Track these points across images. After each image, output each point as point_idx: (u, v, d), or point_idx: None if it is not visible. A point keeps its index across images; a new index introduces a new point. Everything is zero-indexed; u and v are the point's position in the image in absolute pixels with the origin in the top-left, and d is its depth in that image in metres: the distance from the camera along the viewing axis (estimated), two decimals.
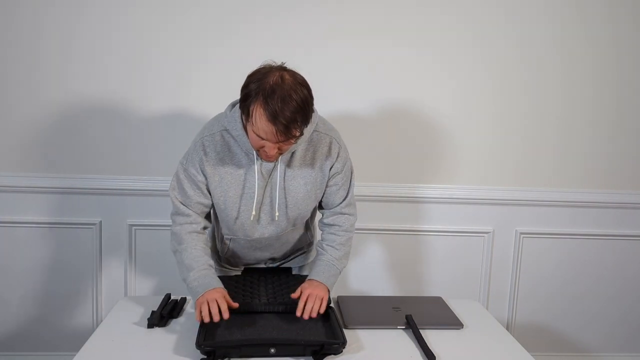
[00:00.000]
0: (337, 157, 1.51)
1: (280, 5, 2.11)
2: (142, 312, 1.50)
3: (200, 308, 1.34)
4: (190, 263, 1.46)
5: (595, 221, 2.37)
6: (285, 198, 1.50)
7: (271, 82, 1.26)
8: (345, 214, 1.60)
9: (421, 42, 2.18)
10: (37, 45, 2.08)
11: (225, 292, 1.41)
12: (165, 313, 1.46)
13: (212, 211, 1.62)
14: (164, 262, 2.26)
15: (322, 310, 1.42)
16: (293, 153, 1.47)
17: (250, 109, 1.28)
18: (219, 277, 1.62)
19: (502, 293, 2.41)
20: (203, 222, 1.55)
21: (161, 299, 1.57)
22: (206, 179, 1.48)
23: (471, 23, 2.18)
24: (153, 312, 1.45)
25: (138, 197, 2.20)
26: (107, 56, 2.10)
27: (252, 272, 1.70)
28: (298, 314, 1.40)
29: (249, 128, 1.33)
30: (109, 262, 2.26)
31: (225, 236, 1.63)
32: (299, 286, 1.51)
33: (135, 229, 2.23)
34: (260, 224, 1.54)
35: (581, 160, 2.33)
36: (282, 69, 1.32)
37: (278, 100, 1.24)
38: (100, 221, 2.22)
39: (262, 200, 1.50)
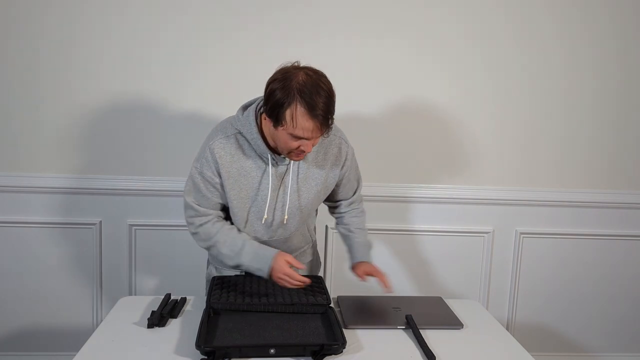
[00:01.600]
0: (347, 157, 1.58)
1: (287, 3, 2.11)
2: (142, 312, 1.50)
3: (284, 282, 1.46)
4: (232, 248, 1.51)
5: (595, 221, 2.37)
6: (298, 200, 1.53)
7: (300, 81, 1.30)
8: (358, 200, 1.74)
9: (422, 42, 2.18)
10: (37, 46, 2.08)
11: (281, 254, 1.48)
12: (165, 313, 1.46)
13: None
14: (164, 262, 2.26)
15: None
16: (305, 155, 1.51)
17: (287, 113, 1.31)
18: (220, 277, 1.63)
19: (502, 293, 2.41)
20: (223, 215, 1.58)
21: (161, 299, 1.57)
22: (221, 180, 1.49)
23: (473, 23, 2.18)
24: (153, 312, 1.45)
25: (138, 197, 2.20)
26: (107, 57, 2.10)
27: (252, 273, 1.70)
28: (390, 289, 1.56)
29: (282, 133, 1.35)
30: (109, 262, 2.26)
31: None
32: (300, 287, 1.53)
33: (135, 229, 2.23)
34: (270, 227, 1.55)
35: (581, 160, 2.33)
36: (299, 67, 1.36)
37: (314, 94, 1.30)
38: (100, 221, 2.22)
39: (274, 205, 1.51)
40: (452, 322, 1.50)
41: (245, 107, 1.50)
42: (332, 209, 1.76)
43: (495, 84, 2.24)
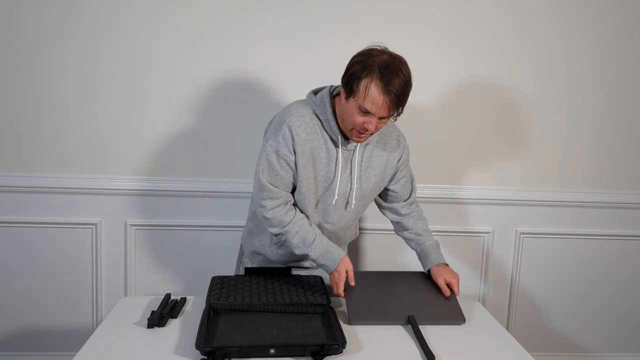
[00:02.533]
0: (404, 149, 1.66)
1: (287, 3, 2.11)
2: (142, 312, 1.50)
3: (339, 284, 1.52)
4: (304, 241, 1.55)
5: (595, 221, 2.37)
6: (361, 187, 1.58)
7: (384, 59, 1.37)
8: (416, 203, 1.78)
9: (423, 41, 2.18)
10: (38, 46, 2.08)
11: (348, 259, 1.55)
12: (165, 313, 1.46)
13: None
14: (164, 262, 2.26)
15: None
16: (367, 143, 1.55)
17: (362, 83, 1.36)
18: (220, 277, 1.63)
19: (502, 293, 2.41)
20: (292, 199, 1.59)
21: (161, 299, 1.57)
22: (296, 158, 1.51)
23: (478, 22, 2.18)
24: (153, 312, 1.45)
25: (138, 197, 2.20)
26: (108, 57, 2.10)
27: (252, 273, 1.70)
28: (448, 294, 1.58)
29: (351, 104, 1.40)
30: (109, 262, 2.25)
31: None
32: (300, 287, 1.55)
33: (135, 229, 2.23)
34: (326, 212, 1.59)
35: (581, 160, 2.32)
36: (385, 51, 1.41)
37: (393, 74, 1.35)
38: (100, 221, 2.22)
39: (339, 188, 1.55)
40: (455, 317, 1.51)
41: (315, 92, 1.56)
42: (392, 211, 1.75)
43: (495, 84, 2.24)
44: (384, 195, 1.73)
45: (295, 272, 1.75)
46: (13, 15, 2.05)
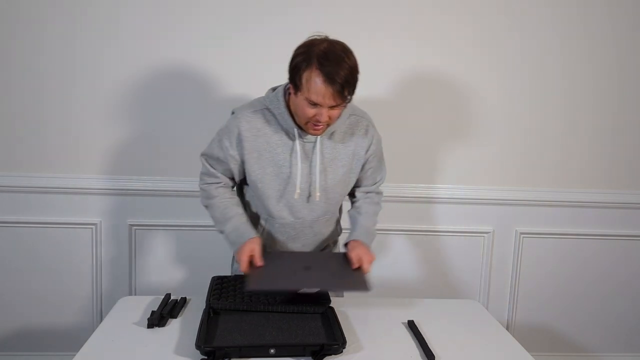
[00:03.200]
0: (373, 139, 1.59)
1: (286, 2, 2.11)
2: (142, 312, 1.50)
3: (241, 262, 1.46)
4: (223, 216, 1.56)
5: (595, 221, 2.37)
6: (325, 180, 1.54)
7: (322, 48, 1.34)
8: (376, 192, 1.71)
9: (424, 43, 2.18)
10: (40, 46, 2.08)
11: (256, 242, 1.49)
12: (165, 313, 1.46)
13: (243, 193, 1.68)
14: (164, 262, 2.26)
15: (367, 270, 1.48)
16: (332, 134, 1.52)
17: (303, 76, 1.34)
18: (219, 277, 1.63)
19: (502, 293, 2.41)
20: (231, 183, 1.64)
21: (161, 299, 1.57)
22: (242, 154, 1.52)
23: (475, 24, 2.18)
24: (153, 312, 1.45)
25: (138, 197, 2.20)
26: (107, 57, 2.10)
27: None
28: (355, 266, 1.48)
29: (300, 98, 1.38)
30: (109, 262, 2.25)
31: (261, 219, 1.64)
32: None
33: (135, 229, 2.23)
34: (293, 206, 1.57)
35: (581, 160, 2.33)
36: (326, 39, 1.38)
37: (333, 63, 1.31)
38: (100, 221, 2.22)
39: (300, 180, 1.53)
40: (358, 285, 1.42)
41: (274, 89, 1.55)
42: (350, 194, 1.71)
43: (494, 85, 2.24)
44: None
45: None
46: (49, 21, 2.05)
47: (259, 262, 1.46)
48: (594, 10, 2.21)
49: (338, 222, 1.75)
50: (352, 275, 1.46)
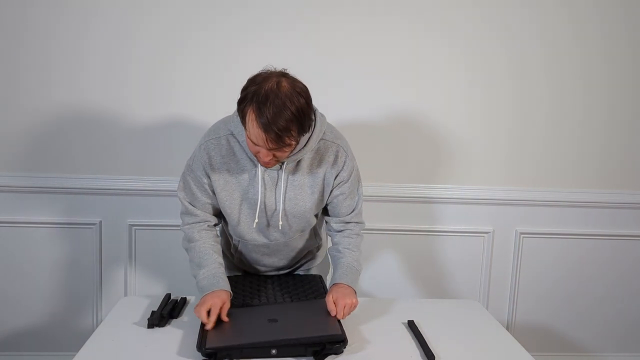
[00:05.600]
0: (343, 166, 1.49)
1: (288, 11, 2.11)
2: (142, 312, 1.50)
3: (200, 310, 1.34)
4: (200, 261, 1.47)
5: (595, 221, 2.37)
6: (292, 207, 1.48)
7: (266, 89, 1.24)
8: (353, 222, 1.59)
9: (422, 48, 2.18)
10: (42, 46, 2.08)
11: (227, 296, 1.41)
12: (166, 313, 1.46)
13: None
14: (164, 262, 2.26)
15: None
16: (299, 161, 1.45)
17: (246, 113, 1.26)
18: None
19: (502, 293, 2.41)
20: (212, 220, 1.56)
21: (161, 299, 1.57)
22: (211, 182, 1.48)
23: (466, 25, 2.18)
24: (153, 312, 1.45)
25: (138, 197, 2.20)
26: (107, 57, 2.10)
27: (254, 272, 1.70)
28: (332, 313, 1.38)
29: (245, 132, 1.31)
30: (109, 262, 2.25)
31: (233, 239, 1.63)
32: (300, 286, 1.52)
33: (135, 229, 2.23)
34: (263, 231, 1.54)
35: (581, 160, 2.32)
36: (281, 75, 1.29)
37: (271, 108, 1.22)
38: (100, 221, 2.22)
39: (265, 208, 1.48)
40: (328, 332, 1.30)
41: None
42: (327, 224, 1.63)
43: (492, 86, 2.24)
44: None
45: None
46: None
47: (224, 317, 1.36)
48: (583, 8, 2.20)
49: (316, 232, 1.69)
50: (324, 322, 1.36)
